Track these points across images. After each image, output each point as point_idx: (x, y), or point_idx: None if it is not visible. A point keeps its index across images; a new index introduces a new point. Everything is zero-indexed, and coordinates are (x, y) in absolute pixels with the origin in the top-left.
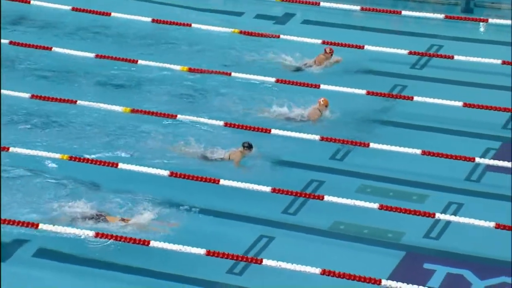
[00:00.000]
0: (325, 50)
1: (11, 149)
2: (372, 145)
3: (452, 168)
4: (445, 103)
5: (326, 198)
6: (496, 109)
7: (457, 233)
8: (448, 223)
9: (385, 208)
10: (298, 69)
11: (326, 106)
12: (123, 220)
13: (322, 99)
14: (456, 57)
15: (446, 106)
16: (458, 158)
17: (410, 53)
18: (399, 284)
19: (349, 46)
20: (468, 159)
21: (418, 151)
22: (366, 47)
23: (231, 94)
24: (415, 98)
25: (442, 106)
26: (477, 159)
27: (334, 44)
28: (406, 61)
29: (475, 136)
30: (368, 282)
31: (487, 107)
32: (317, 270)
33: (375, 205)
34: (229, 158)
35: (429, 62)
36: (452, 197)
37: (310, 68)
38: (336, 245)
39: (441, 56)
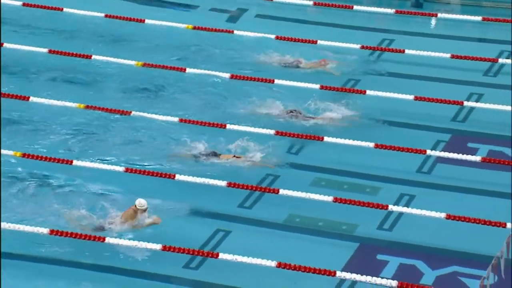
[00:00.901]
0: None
1: None
2: (326, 138)
3: (404, 161)
4: (397, 97)
5: (281, 191)
6: (446, 102)
7: (409, 224)
8: (400, 214)
9: (339, 201)
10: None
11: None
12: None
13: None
14: (407, 51)
15: (397, 99)
16: (410, 151)
17: (362, 47)
18: (353, 275)
19: (302, 41)
20: (419, 152)
21: (371, 144)
22: (319, 41)
23: (185, 90)
24: (368, 92)
25: (393, 99)
26: (428, 151)
27: (288, 39)
28: (358, 55)
29: (426, 128)
30: (323, 274)
31: (437, 100)
32: (273, 263)
33: (330, 198)
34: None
35: (381, 56)
36: (404, 189)
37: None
38: (291, 238)
39: (392, 50)
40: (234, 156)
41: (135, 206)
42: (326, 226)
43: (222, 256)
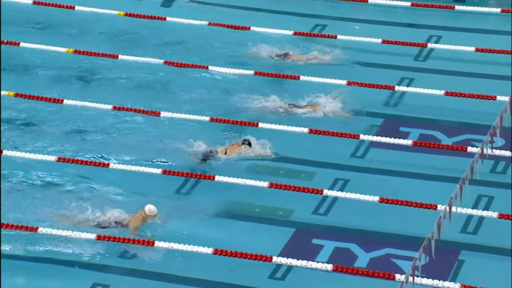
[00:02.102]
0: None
1: None
2: (260, 125)
3: (337, 145)
4: (329, 82)
5: (217, 178)
6: (378, 86)
7: (344, 209)
8: (335, 199)
9: (275, 186)
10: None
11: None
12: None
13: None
14: (339, 36)
15: (330, 84)
16: (344, 136)
17: (295, 33)
18: (289, 260)
19: (234, 27)
20: (352, 136)
21: (306, 130)
22: (252, 28)
23: (118, 77)
24: (301, 78)
25: (325, 84)
26: (361, 136)
27: (221, 25)
28: (291, 41)
29: (358, 113)
30: (260, 260)
31: (369, 85)
32: (209, 250)
33: (265, 184)
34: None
35: (314, 41)
36: (338, 174)
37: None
38: (228, 225)
39: (325, 36)
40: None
41: (144, 212)
42: (262, 212)
43: (158, 244)
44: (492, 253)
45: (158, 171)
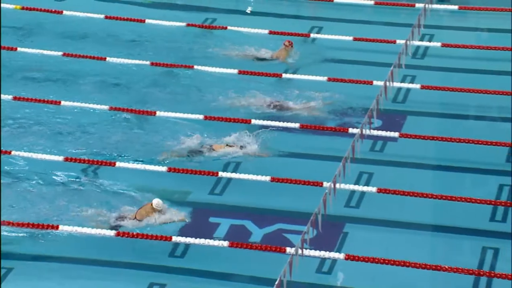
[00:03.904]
0: (284, 44)
1: None
2: (158, 113)
3: (229, 129)
4: (221, 71)
5: (118, 164)
6: (265, 74)
7: (238, 188)
8: (230, 179)
9: (173, 170)
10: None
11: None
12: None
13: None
14: (229, 27)
15: (221, 74)
16: (235, 121)
17: (188, 25)
18: (188, 239)
19: (130, 20)
20: (244, 121)
21: (201, 117)
22: (147, 21)
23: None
24: (195, 67)
25: (217, 74)
26: (253, 121)
27: (117, 18)
28: (185, 33)
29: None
30: (160, 240)
31: (257, 74)
32: (112, 233)
33: (164, 168)
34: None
35: (207, 34)
36: (230, 157)
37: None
38: None
39: (215, 28)
40: (227, 145)
41: (151, 204)
42: (160, 195)
43: (62, 228)
44: (373, 225)
45: (60, 158)
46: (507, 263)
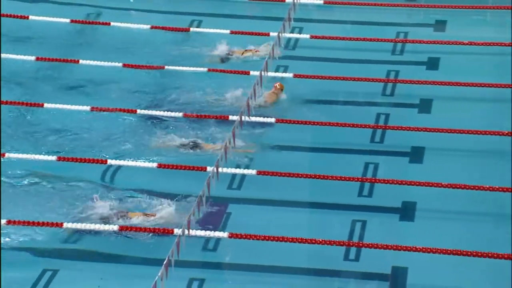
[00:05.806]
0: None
1: None
2: (46, 105)
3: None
4: (107, 65)
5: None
6: (151, 68)
7: (126, 175)
8: (119, 167)
9: (62, 159)
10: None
11: (281, 90)
12: (146, 215)
13: (278, 83)
14: (112, 23)
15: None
16: (125, 111)
17: (72, 21)
18: (78, 225)
19: (11, 16)
20: (130, 111)
21: (88, 108)
22: (30, 17)
23: None
24: (81, 61)
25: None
26: (139, 111)
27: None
28: (69, 30)
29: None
30: (51, 227)
31: (142, 67)
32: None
33: (54, 158)
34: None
35: (91, 29)
36: (118, 149)
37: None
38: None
39: (99, 23)
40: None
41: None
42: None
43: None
44: (254, 204)
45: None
46: (374, 233)
